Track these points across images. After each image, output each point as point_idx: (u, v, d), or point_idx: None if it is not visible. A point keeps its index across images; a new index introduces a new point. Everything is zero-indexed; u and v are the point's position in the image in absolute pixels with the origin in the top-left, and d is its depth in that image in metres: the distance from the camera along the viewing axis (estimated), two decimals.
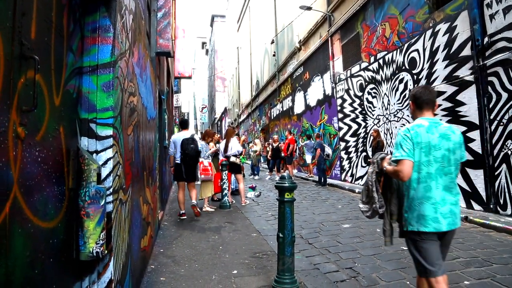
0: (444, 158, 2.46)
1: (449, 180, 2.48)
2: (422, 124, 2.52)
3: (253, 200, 9.01)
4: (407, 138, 2.48)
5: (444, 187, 2.46)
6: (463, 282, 3.45)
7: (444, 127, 2.55)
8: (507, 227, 5.37)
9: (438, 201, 2.43)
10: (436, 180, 2.45)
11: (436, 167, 2.45)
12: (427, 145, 2.45)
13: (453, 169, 2.50)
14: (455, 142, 2.52)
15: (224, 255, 4.46)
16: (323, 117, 14.69)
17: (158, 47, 5.96)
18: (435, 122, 2.56)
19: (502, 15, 6.21)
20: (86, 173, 1.92)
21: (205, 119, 57.23)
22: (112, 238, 2.12)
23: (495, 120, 6.40)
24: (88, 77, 2.11)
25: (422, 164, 2.45)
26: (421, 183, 2.47)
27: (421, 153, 2.45)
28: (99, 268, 2.05)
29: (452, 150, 2.49)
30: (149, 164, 4.40)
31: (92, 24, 2.14)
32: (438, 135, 2.49)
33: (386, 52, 9.92)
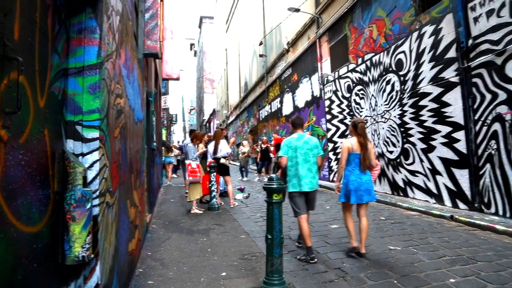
0: (306, 153, 4.57)
1: (309, 165, 4.55)
2: (293, 137, 4.69)
3: (242, 202, 9.00)
4: (284, 145, 4.65)
5: (306, 169, 4.52)
6: (449, 280, 3.50)
7: (306, 138, 4.68)
8: (491, 226, 5.48)
9: (302, 176, 4.49)
10: (302, 165, 4.53)
11: (301, 158, 4.55)
12: (295, 147, 4.58)
13: (312, 159, 4.59)
14: (312, 145, 4.62)
15: (212, 257, 4.45)
16: (311, 118, 14.76)
17: (146, 49, 5.92)
18: (301, 135, 4.70)
19: (486, 18, 6.32)
20: (71, 176, 1.90)
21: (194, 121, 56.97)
22: (99, 241, 2.09)
23: (480, 121, 6.51)
24: (73, 79, 2.08)
25: (292, 157, 4.58)
26: (293, 166, 4.56)
27: (292, 151, 4.59)
28: (85, 273, 2.02)
29: (310, 149, 4.59)
30: (136, 167, 4.36)
31: (77, 25, 2.11)
32: (302, 142, 4.61)
33: (374, 53, 10.02)
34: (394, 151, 9.16)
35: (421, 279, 3.55)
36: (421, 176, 8.13)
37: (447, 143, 7.30)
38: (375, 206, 8.06)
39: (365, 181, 4.47)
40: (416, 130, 8.27)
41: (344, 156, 4.53)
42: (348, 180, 4.50)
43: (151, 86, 8.19)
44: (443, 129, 7.41)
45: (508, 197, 5.97)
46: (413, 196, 8.41)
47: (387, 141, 9.48)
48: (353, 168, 4.51)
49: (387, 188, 9.51)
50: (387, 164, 9.48)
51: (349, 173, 4.53)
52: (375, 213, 7.12)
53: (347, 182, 4.52)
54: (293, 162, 4.52)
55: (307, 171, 4.48)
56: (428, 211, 6.88)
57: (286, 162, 4.54)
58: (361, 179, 4.46)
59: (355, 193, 4.44)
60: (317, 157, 4.61)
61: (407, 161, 8.62)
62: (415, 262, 4.06)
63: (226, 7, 39.01)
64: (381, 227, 5.92)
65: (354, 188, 4.44)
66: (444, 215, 6.47)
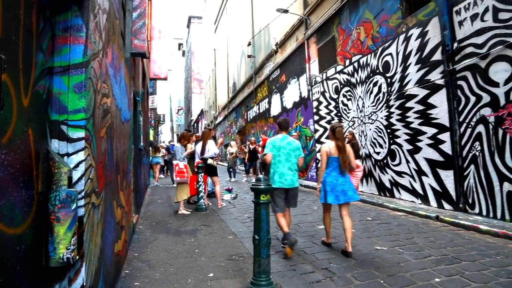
0: (288, 153, 4.92)
1: (290, 164, 4.91)
2: (278, 137, 5.04)
3: (230, 203, 8.98)
4: (269, 143, 4.99)
5: (287, 167, 4.88)
6: (434, 279, 3.55)
7: (290, 139, 5.03)
8: (475, 225, 5.58)
9: (283, 173, 4.84)
10: (284, 163, 4.88)
11: (284, 158, 4.90)
12: (279, 147, 4.93)
13: (293, 159, 4.94)
14: (294, 147, 4.98)
15: (200, 258, 4.42)
16: (299, 119, 14.81)
17: (133, 48, 5.86)
18: (285, 136, 5.06)
19: (470, 22, 6.44)
20: (56, 176, 1.86)
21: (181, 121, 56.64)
22: (84, 243, 2.06)
23: (464, 123, 6.62)
24: (59, 78, 2.05)
25: (276, 155, 4.91)
26: (276, 164, 4.89)
27: (275, 150, 4.92)
28: (70, 275, 1.98)
29: (293, 150, 4.96)
30: (123, 167, 4.31)
31: (63, 23, 2.08)
32: (286, 143, 4.97)
33: (361, 55, 10.11)
34: (381, 152, 9.25)
35: (407, 278, 3.59)
36: (407, 177, 8.23)
37: (432, 144, 7.40)
38: (362, 206, 8.13)
39: (341, 182, 4.68)
40: (402, 132, 8.37)
41: (324, 159, 4.82)
42: (325, 181, 4.78)
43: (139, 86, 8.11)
44: (429, 130, 7.51)
45: (491, 197, 6.08)
46: (400, 196, 8.50)
47: (374, 142, 9.57)
48: (331, 171, 4.77)
49: (374, 189, 9.60)
50: (374, 165, 9.57)
51: (326, 175, 4.79)
52: (362, 214, 7.18)
53: (324, 183, 4.79)
54: (275, 160, 4.89)
55: (288, 169, 4.87)
56: (414, 212, 6.96)
57: (270, 159, 4.88)
58: (337, 181, 4.69)
59: (331, 193, 4.68)
60: (298, 158, 4.99)
61: (394, 162, 8.72)
62: (401, 262, 4.11)
63: (214, 7, 38.93)
64: (368, 227, 5.97)
65: (330, 189, 4.70)
66: (429, 216, 6.56)
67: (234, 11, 29.03)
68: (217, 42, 38.12)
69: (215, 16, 38.54)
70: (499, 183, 5.95)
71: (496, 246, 4.72)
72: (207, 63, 46.16)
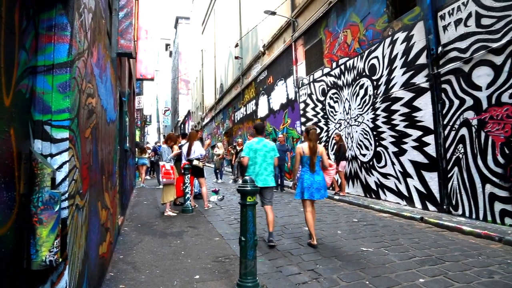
0: (264, 155, 5.34)
1: (266, 165, 5.32)
2: (254, 140, 5.46)
3: (216, 204, 8.95)
4: (246, 147, 5.45)
5: (263, 168, 5.30)
6: (419, 280, 3.59)
7: (265, 142, 5.45)
8: (458, 227, 5.68)
9: (259, 174, 5.26)
10: (260, 165, 5.30)
11: (260, 159, 5.31)
12: (255, 149, 5.35)
13: (269, 160, 5.36)
14: (269, 148, 5.40)
15: (186, 260, 4.39)
16: (286, 121, 14.86)
17: (120, 48, 5.79)
18: (261, 139, 5.47)
19: (454, 27, 6.55)
20: (39, 177, 1.83)
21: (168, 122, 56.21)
22: (68, 245, 2.02)
23: (448, 125, 6.73)
24: (42, 77, 2.01)
25: (252, 157, 5.33)
26: (253, 165, 5.32)
27: (252, 153, 5.34)
28: (52, 278, 1.95)
29: (268, 151, 5.37)
30: (108, 168, 4.26)
31: (47, 22, 2.04)
32: (261, 145, 5.39)
33: (348, 58, 10.19)
34: (367, 154, 9.34)
35: (392, 279, 3.63)
36: (393, 178, 8.32)
37: (417, 146, 7.51)
38: (348, 208, 8.20)
39: (317, 180, 5.11)
40: (388, 134, 8.46)
41: (297, 159, 5.27)
42: (303, 179, 5.18)
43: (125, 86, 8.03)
44: (414, 133, 7.61)
45: (474, 199, 6.19)
46: (385, 198, 8.59)
47: (360, 144, 9.66)
48: (306, 169, 5.19)
49: (360, 191, 9.68)
50: (360, 167, 9.66)
51: (303, 173, 5.22)
52: (348, 215, 7.24)
53: (301, 181, 5.19)
54: (252, 162, 5.34)
55: (264, 170, 5.32)
56: (399, 213, 7.04)
57: (247, 162, 5.36)
58: (314, 179, 5.11)
59: (308, 190, 5.08)
60: (274, 159, 5.45)
61: (380, 164, 8.81)
62: (386, 263, 4.15)
63: (202, 8, 38.82)
64: (354, 229, 6.01)
65: (307, 186, 5.09)
66: (414, 217, 6.65)
67: (222, 12, 28.99)
68: (204, 43, 38.01)
69: (202, 17, 38.43)
70: (481, 185, 6.06)
71: (478, 246, 4.80)
72: (195, 64, 45.97)
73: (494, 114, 5.84)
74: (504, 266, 3.99)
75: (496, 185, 5.82)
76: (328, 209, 8.10)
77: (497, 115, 5.79)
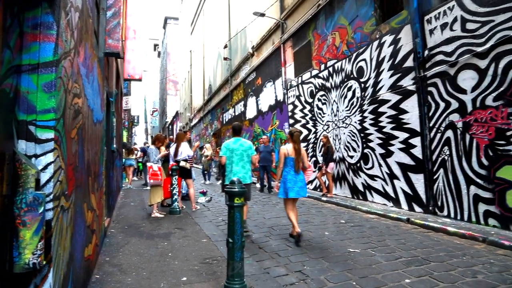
0: (241, 154, 5.70)
1: (243, 163, 5.70)
2: (231, 140, 5.85)
3: (204, 206, 8.91)
4: (224, 147, 5.82)
5: (240, 166, 5.67)
6: (405, 280, 3.63)
7: (241, 141, 5.81)
8: (443, 227, 5.76)
9: (236, 172, 5.61)
10: (237, 163, 5.67)
11: (236, 158, 5.68)
12: (232, 149, 5.72)
13: (246, 158, 5.73)
14: (245, 148, 5.76)
15: (173, 262, 4.36)
16: (275, 122, 14.89)
17: (107, 47, 5.74)
18: (237, 139, 5.86)
19: (440, 31, 6.65)
20: (23, 178, 1.79)
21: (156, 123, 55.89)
22: (52, 247, 1.99)
23: (434, 128, 6.83)
24: (27, 76, 1.98)
25: (229, 157, 5.70)
26: (230, 164, 5.69)
27: (229, 152, 5.72)
28: (36, 281, 1.91)
29: (245, 150, 5.73)
30: (94, 169, 4.20)
31: (32, 20, 2.00)
32: (238, 145, 5.75)
33: (336, 60, 10.27)
34: (354, 155, 9.41)
35: (379, 280, 3.66)
36: (380, 180, 8.40)
37: (404, 148, 7.59)
38: (335, 209, 8.24)
39: (300, 179, 5.41)
40: (375, 136, 8.54)
41: (282, 159, 5.49)
42: (286, 179, 5.41)
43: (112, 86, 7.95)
44: (400, 135, 7.69)
45: (459, 200, 6.29)
46: (372, 199, 8.66)
47: (347, 146, 9.73)
48: (289, 169, 5.43)
49: (347, 192, 9.75)
50: (348, 169, 9.72)
51: (286, 173, 5.43)
52: (336, 216, 7.28)
53: (285, 180, 5.41)
54: (230, 161, 5.72)
55: (241, 168, 5.69)
56: (386, 214, 7.11)
57: (225, 161, 5.76)
58: (296, 178, 5.39)
59: (292, 189, 5.33)
60: (251, 157, 5.82)
61: (367, 166, 8.89)
62: (373, 264, 4.18)
63: (191, 9, 38.67)
64: (341, 230, 6.05)
65: (291, 185, 5.35)
66: (401, 218, 6.72)
67: (211, 13, 28.93)
68: (193, 44, 37.88)
69: (191, 18, 38.28)
70: (466, 186, 6.16)
71: (463, 247, 4.88)
72: (183, 64, 45.76)
73: (479, 117, 5.94)
74: (488, 266, 4.06)
75: (480, 187, 5.92)
76: (315, 210, 8.13)
77: (482, 118, 5.89)
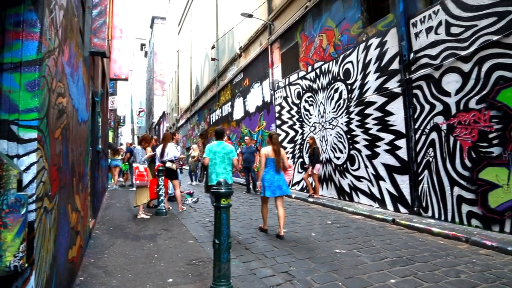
0: (222, 156, 5.91)
1: (224, 165, 5.90)
2: (214, 143, 6.05)
3: (191, 207, 8.86)
4: (207, 149, 6.03)
5: (222, 168, 5.87)
6: (390, 280, 3.67)
7: (223, 144, 6.02)
8: (428, 228, 5.85)
9: (219, 173, 5.82)
10: (219, 165, 5.87)
11: (219, 160, 5.88)
12: (214, 151, 5.93)
13: (227, 160, 5.93)
14: (227, 150, 5.96)
15: (159, 263, 4.33)
16: (262, 123, 14.90)
17: (93, 47, 5.66)
18: (220, 142, 6.06)
19: (425, 34, 6.75)
20: (4, 179, 1.76)
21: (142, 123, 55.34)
22: (35, 249, 1.95)
23: (419, 130, 6.92)
24: (9, 75, 1.94)
25: (212, 158, 5.89)
26: (213, 166, 5.89)
27: (212, 154, 5.92)
28: (17, 284, 1.87)
29: (226, 153, 5.95)
30: (79, 170, 4.14)
31: (15, 17, 1.96)
32: (220, 148, 5.96)
33: (323, 62, 10.33)
34: (341, 157, 9.48)
35: (365, 280, 3.69)
36: (366, 181, 8.47)
37: (390, 150, 7.68)
38: (322, 210, 8.29)
39: (277, 179, 5.75)
40: (361, 137, 8.62)
41: (263, 161, 5.87)
42: (264, 178, 5.81)
43: (98, 86, 7.85)
44: (386, 136, 7.78)
45: (443, 201, 6.38)
46: (358, 200, 8.74)
47: (334, 147, 9.79)
48: (268, 170, 5.83)
49: (333, 193, 9.81)
50: (334, 170, 9.79)
51: (265, 173, 5.83)
52: (322, 217, 7.31)
53: (263, 180, 5.81)
54: (212, 163, 5.94)
55: (223, 169, 5.91)
56: (372, 215, 7.18)
57: (208, 162, 5.97)
58: (274, 178, 5.75)
59: (269, 189, 5.71)
60: (232, 159, 6.03)
61: (353, 167, 8.96)
62: (359, 264, 4.21)
63: (179, 9, 38.46)
64: (327, 230, 6.08)
65: (268, 185, 5.73)
66: (386, 219, 6.79)
67: (198, 13, 28.82)
68: (180, 44, 37.66)
69: (179, 18, 38.06)
70: (450, 187, 6.26)
71: (446, 247, 4.96)
72: (170, 64, 45.47)
73: (462, 120, 6.04)
74: (470, 265, 4.13)
75: (463, 188, 6.02)
76: (302, 211, 8.16)
77: (465, 121, 5.99)
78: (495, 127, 5.52)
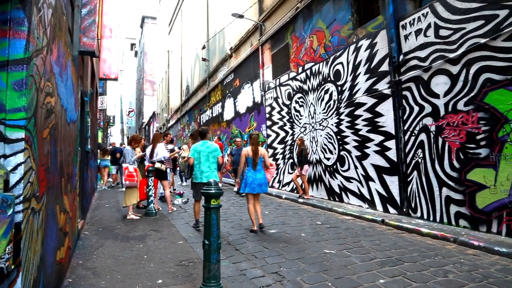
0: (207, 155, 6.22)
1: (209, 164, 6.23)
2: (199, 143, 6.36)
3: (181, 207, 8.82)
4: (192, 149, 6.33)
5: (206, 166, 6.19)
6: (379, 280, 3.70)
7: (208, 144, 6.34)
8: (416, 228, 5.90)
9: (203, 171, 6.18)
10: (204, 163, 6.20)
11: (204, 158, 6.20)
12: (199, 150, 6.24)
13: (212, 159, 6.26)
14: (211, 149, 6.28)
15: (148, 264, 4.30)
16: (252, 124, 14.90)
17: (82, 46, 5.60)
18: (205, 141, 6.39)
19: (415, 37, 6.83)
20: None
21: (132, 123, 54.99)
22: (22, 251, 1.93)
23: (408, 131, 6.99)
24: None
25: (197, 158, 6.21)
26: (198, 164, 6.21)
27: (197, 154, 6.23)
28: (3, 286, 1.84)
29: (211, 152, 6.26)
30: (68, 170, 4.10)
31: (1, 15, 1.93)
32: (205, 147, 6.27)
33: (313, 63, 10.37)
34: (331, 158, 9.53)
35: (354, 280, 3.71)
36: (356, 182, 8.53)
37: (379, 151, 7.74)
38: (312, 211, 8.31)
39: (258, 177, 6.12)
40: (351, 138, 8.67)
41: (243, 160, 6.32)
42: (246, 176, 6.18)
43: (87, 86, 7.78)
44: (376, 137, 7.84)
45: (431, 202, 6.45)
46: (348, 201, 8.79)
47: (324, 148, 9.84)
48: (250, 168, 6.22)
49: (323, 194, 9.85)
50: (324, 170, 9.83)
51: (247, 172, 6.21)
52: (312, 218, 7.34)
53: (246, 178, 6.18)
54: (197, 162, 6.27)
55: (208, 167, 6.24)
56: (362, 216, 7.22)
57: (193, 162, 6.31)
58: (255, 176, 6.12)
59: (250, 186, 6.08)
60: (217, 158, 6.38)
61: (343, 168, 9.01)
62: (348, 265, 4.23)
63: (169, 8, 38.26)
64: (317, 231, 6.10)
65: (249, 183, 6.10)
66: (376, 219, 6.84)
67: (189, 13, 28.71)
68: (171, 44, 37.46)
69: (169, 17, 37.87)
70: (438, 188, 6.33)
71: (435, 247, 5.01)
72: (161, 64, 45.21)
73: (451, 121, 6.12)
74: (458, 265, 4.18)
75: (452, 189, 6.09)
76: (292, 212, 8.18)
77: (453, 122, 6.07)
78: (482, 129, 5.60)
